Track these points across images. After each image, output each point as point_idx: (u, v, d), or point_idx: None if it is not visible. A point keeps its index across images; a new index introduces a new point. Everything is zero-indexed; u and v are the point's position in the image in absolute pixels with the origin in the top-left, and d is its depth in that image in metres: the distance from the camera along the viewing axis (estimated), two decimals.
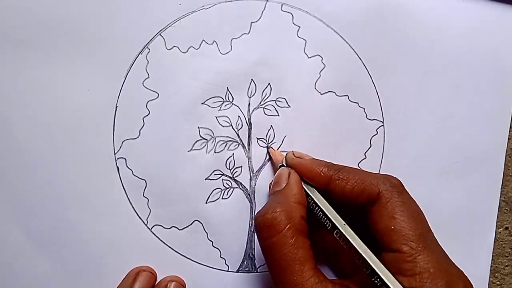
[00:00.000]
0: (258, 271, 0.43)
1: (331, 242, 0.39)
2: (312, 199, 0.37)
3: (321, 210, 0.36)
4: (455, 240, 0.45)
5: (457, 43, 0.45)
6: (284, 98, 0.44)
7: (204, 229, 0.43)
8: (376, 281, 0.33)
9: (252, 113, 0.43)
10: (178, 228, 0.43)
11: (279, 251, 0.34)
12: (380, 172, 0.45)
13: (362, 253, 0.34)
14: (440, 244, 0.36)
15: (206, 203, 0.43)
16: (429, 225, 0.36)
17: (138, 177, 0.43)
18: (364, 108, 0.45)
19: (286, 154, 0.41)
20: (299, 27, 0.44)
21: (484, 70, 0.45)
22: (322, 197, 0.37)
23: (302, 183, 0.38)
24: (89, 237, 0.42)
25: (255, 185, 0.44)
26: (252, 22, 0.43)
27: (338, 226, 0.35)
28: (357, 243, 0.34)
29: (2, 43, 0.41)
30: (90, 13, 0.42)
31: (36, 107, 0.42)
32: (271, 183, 0.43)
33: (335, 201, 0.37)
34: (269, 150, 0.43)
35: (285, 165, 0.40)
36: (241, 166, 0.43)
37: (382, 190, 0.35)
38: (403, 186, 0.37)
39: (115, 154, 0.42)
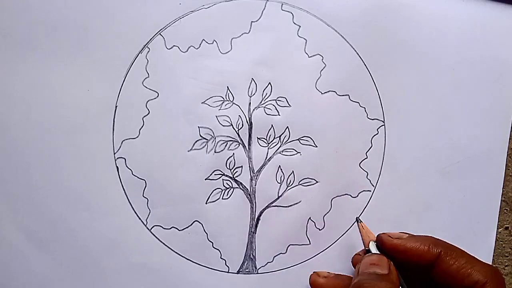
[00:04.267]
0: (259, 272, 0.43)
1: None
2: None
3: None
4: (455, 240, 0.45)
5: (457, 43, 0.45)
6: (285, 98, 0.44)
7: (204, 230, 0.43)
8: None
9: (252, 112, 0.43)
10: (178, 229, 0.43)
11: None
12: (381, 173, 0.45)
13: None
14: None
15: (206, 203, 0.43)
16: None
17: (138, 177, 0.42)
18: (365, 108, 0.44)
19: (379, 235, 0.39)
20: (300, 26, 0.44)
21: (484, 70, 0.45)
22: None
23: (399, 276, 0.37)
24: (88, 237, 0.42)
25: (255, 185, 0.43)
26: (252, 22, 0.43)
27: None
28: None
29: (2, 43, 0.41)
30: (90, 13, 0.42)
31: (36, 107, 0.42)
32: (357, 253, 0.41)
33: (429, 284, 0.37)
34: (359, 225, 0.41)
35: (375, 245, 0.39)
36: (242, 166, 0.43)
37: (490, 281, 0.35)
38: (505, 284, 0.36)
39: (114, 153, 0.42)
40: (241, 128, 0.43)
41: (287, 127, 0.44)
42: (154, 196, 0.43)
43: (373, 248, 0.39)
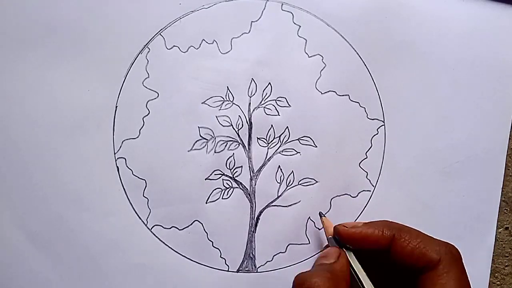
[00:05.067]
0: (258, 271, 0.43)
1: None
2: (358, 281, 0.37)
3: None
4: (455, 240, 0.45)
5: (457, 43, 0.45)
6: (285, 98, 0.44)
7: (204, 229, 0.43)
8: None
9: (252, 112, 0.43)
10: (178, 228, 0.43)
11: None
12: (381, 172, 0.45)
13: None
14: None
15: (206, 203, 0.43)
16: None
17: (138, 177, 0.42)
18: (365, 108, 0.44)
19: (335, 227, 0.40)
20: (300, 26, 0.44)
21: (484, 70, 0.45)
22: (368, 280, 0.37)
23: (352, 262, 0.38)
24: (89, 237, 0.42)
25: (255, 185, 0.43)
26: (252, 22, 0.43)
27: None
28: None
29: (2, 43, 0.41)
30: (90, 13, 0.42)
31: (36, 107, 0.42)
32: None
33: (390, 267, 0.37)
34: (322, 219, 0.42)
35: (334, 240, 0.40)
36: (242, 166, 0.43)
37: (443, 258, 0.35)
38: (462, 258, 0.37)
39: (115, 154, 0.42)
40: (241, 128, 0.43)
41: (287, 127, 0.44)
42: (154, 196, 0.43)
43: (330, 241, 0.41)
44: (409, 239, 0.37)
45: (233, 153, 0.43)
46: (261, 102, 0.43)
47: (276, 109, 0.44)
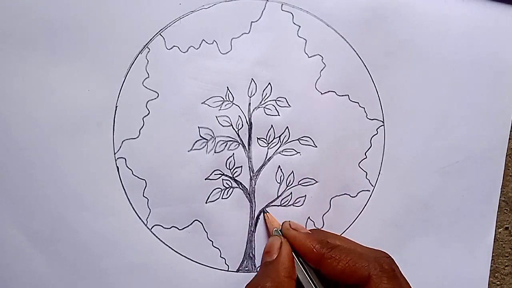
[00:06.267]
0: (258, 270, 0.43)
1: None
2: (303, 273, 0.38)
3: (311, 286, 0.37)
4: (455, 240, 0.45)
5: (457, 43, 0.45)
6: (285, 98, 0.44)
7: (204, 229, 0.43)
8: None
9: (252, 112, 0.43)
10: (178, 228, 0.43)
11: None
12: (380, 172, 0.45)
13: None
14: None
15: (206, 203, 0.43)
16: None
17: (138, 177, 0.43)
18: (364, 108, 0.45)
19: (283, 223, 0.41)
20: (300, 26, 0.44)
21: (484, 70, 0.45)
22: (314, 273, 0.38)
23: (294, 256, 0.39)
24: (89, 237, 0.42)
25: (255, 185, 0.44)
26: (252, 22, 0.43)
27: None
28: None
29: (2, 43, 0.41)
30: (90, 13, 0.42)
31: (36, 107, 0.42)
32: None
33: (327, 279, 0.38)
34: (265, 215, 0.43)
35: (280, 232, 0.41)
36: (241, 166, 0.43)
37: (372, 274, 0.36)
38: (395, 269, 0.37)
39: (115, 154, 0.42)
40: (241, 128, 0.43)
41: (287, 127, 0.44)
42: (154, 195, 0.43)
43: (275, 233, 0.41)
44: (339, 258, 0.37)
45: (233, 153, 0.43)
46: (261, 102, 0.43)
47: (276, 109, 0.44)
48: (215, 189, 0.43)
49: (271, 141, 0.44)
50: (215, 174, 0.43)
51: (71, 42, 0.42)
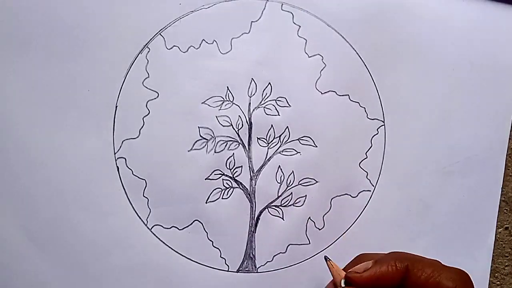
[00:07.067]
0: (258, 271, 0.43)
1: None
2: None
3: None
4: (455, 240, 0.45)
5: (457, 43, 0.45)
6: (285, 98, 0.44)
7: (204, 229, 0.43)
8: None
9: (252, 112, 0.43)
10: (178, 228, 0.43)
11: None
12: (381, 172, 0.45)
13: None
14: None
15: (206, 203, 0.43)
16: None
17: (138, 177, 0.43)
18: (364, 108, 0.45)
19: (347, 275, 0.38)
20: (300, 26, 0.44)
21: (484, 70, 0.45)
22: None
23: None
24: (89, 237, 0.42)
25: (255, 185, 0.44)
26: (252, 22, 0.43)
27: None
28: None
29: (2, 43, 0.41)
30: (90, 13, 0.42)
31: (36, 107, 0.42)
32: None
33: None
34: (328, 263, 0.39)
35: (343, 285, 0.37)
36: (241, 166, 0.43)
37: (458, 286, 0.35)
38: (473, 285, 0.37)
39: (115, 153, 0.42)
40: (241, 128, 0.43)
41: (287, 127, 0.44)
42: (154, 195, 0.43)
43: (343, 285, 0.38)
44: (422, 268, 0.36)
45: (233, 153, 0.43)
46: (261, 102, 0.43)
47: (276, 109, 0.44)
48: (215, 189, 0.43)
49: (271, 141, 0.44)
50: (215, 174, 0.43)
51: (71, 42, 0.42)
